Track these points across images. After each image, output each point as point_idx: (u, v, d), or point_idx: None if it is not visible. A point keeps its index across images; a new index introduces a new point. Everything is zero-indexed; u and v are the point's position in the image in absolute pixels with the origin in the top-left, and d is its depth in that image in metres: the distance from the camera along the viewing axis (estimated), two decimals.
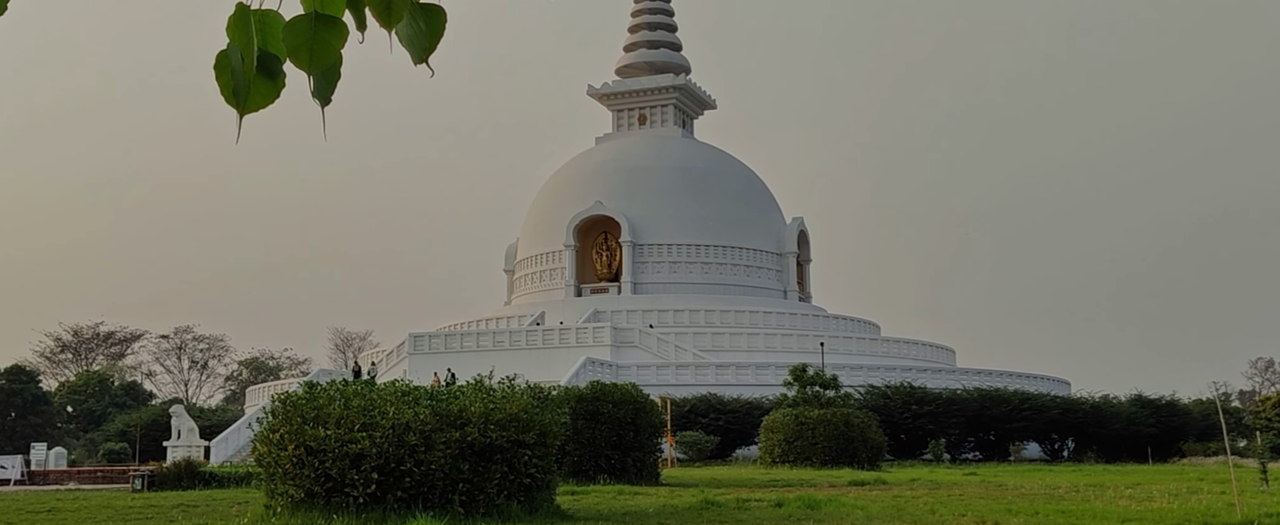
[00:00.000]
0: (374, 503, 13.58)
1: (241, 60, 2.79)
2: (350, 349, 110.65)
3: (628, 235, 75.83)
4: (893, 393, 53.30)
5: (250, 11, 2.80)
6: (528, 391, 16.33)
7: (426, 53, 2.82)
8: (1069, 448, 57.82)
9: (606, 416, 24.85)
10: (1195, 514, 15.20)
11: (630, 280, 75.50)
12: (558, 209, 78.94)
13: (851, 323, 77.09)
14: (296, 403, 14.33)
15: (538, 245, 79.88)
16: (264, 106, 2.88)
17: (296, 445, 13.75)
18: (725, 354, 63.96)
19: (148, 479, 25.77)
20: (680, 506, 17.37)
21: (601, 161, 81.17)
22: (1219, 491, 19.93)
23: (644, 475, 25.07)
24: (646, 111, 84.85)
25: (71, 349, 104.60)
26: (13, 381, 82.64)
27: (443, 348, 65.19)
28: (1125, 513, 15.72)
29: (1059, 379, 70.79)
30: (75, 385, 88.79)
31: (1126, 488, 22.25)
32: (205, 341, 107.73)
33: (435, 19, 2.81)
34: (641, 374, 55.91)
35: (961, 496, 19.77)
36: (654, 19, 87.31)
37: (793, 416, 35.67)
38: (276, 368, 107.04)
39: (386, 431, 13.67)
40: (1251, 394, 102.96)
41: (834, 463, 33.80)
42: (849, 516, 15.50)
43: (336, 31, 2.79)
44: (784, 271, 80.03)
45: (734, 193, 79.95)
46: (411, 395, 14.66)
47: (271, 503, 14.35)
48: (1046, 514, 15.52)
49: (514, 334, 65.02)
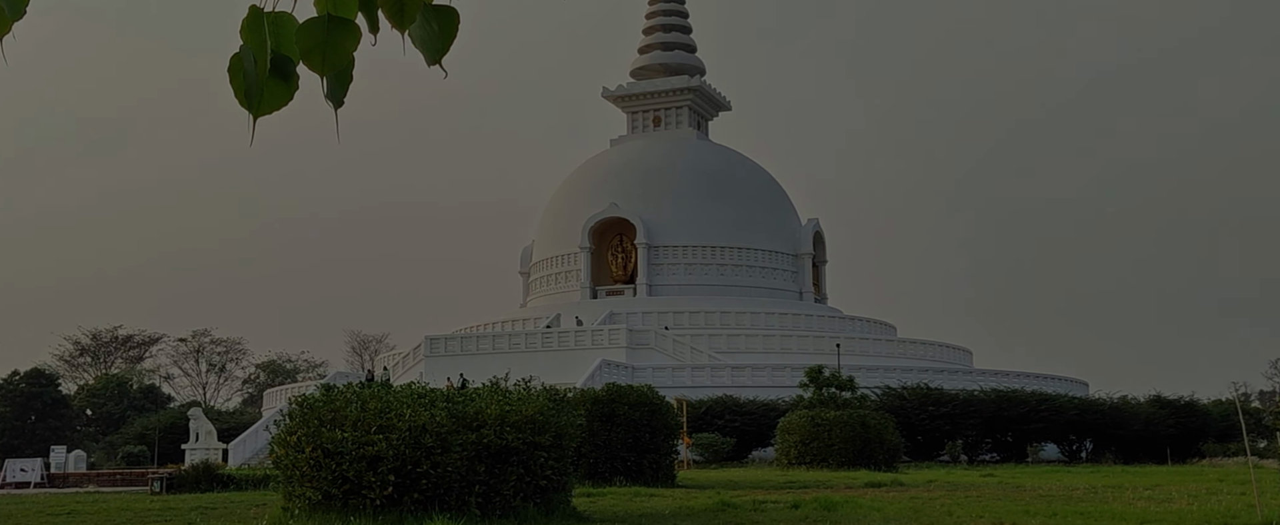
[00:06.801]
0: (391, 505, 13.60)
1: (254, 63, 2.79)
2: (366, 352, 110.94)
3: (643, 237, 75.82)
4: (909, 394, 53.11)
5: (263, 14, 2.81)
6: (544, 393, 16.35)
7: (440, 54, 2.82)
8: (1087, 449, 57.49)
9: (622, 418, 24.84)
10: (1215, 515, 15.10)
11: (646, 282, 75.48)
12: (573, 211, 78.99)
13: (867, 324, 76.88)
14: (314, 405, 14.37)
15: (553, 247, 79.94)
16: (277, 109, 2.88)
17: (314, 447, 13.79)
18: (741, 356, 63.86)
19: (166, 481, 25.87)
20: (696, 508, 17.35)
21: (616, 163, 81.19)
22: (1239, 493, 19.79)
23: (660, 477, 25.06)
24: (661, 113, 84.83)
25: (90, 353, 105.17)
26: (32, 385, 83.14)
27: (459, 350, 65.29)
28: (1144, 514, 15.62)
29: (1077, 380, 70.42)
30: (94, 388, 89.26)
31: (1145, 489, 22.12)
32: (223, 344, 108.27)
33: (448, 20, 2.81)
34: (657, 376, 55.86)
35: (979, 498, 19.69)
36: (668, 20, 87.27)
37: (809, 418, 35.58)
38: (293, 370, 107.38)
39: (403, 434, 13.69)
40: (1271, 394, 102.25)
41: (850, 464, 33.70)
42: (866, 518, 15.45)
43: (349, 33, 2.79)
44: (799, 273, 79.88)
45: (749, 194, 79.85)
46: (428, 398, 14.69)
47: (289, 505, 14.38)
48: (1064, 515, 15.44)
49: (530, 336, 65.06)
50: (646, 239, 75.81)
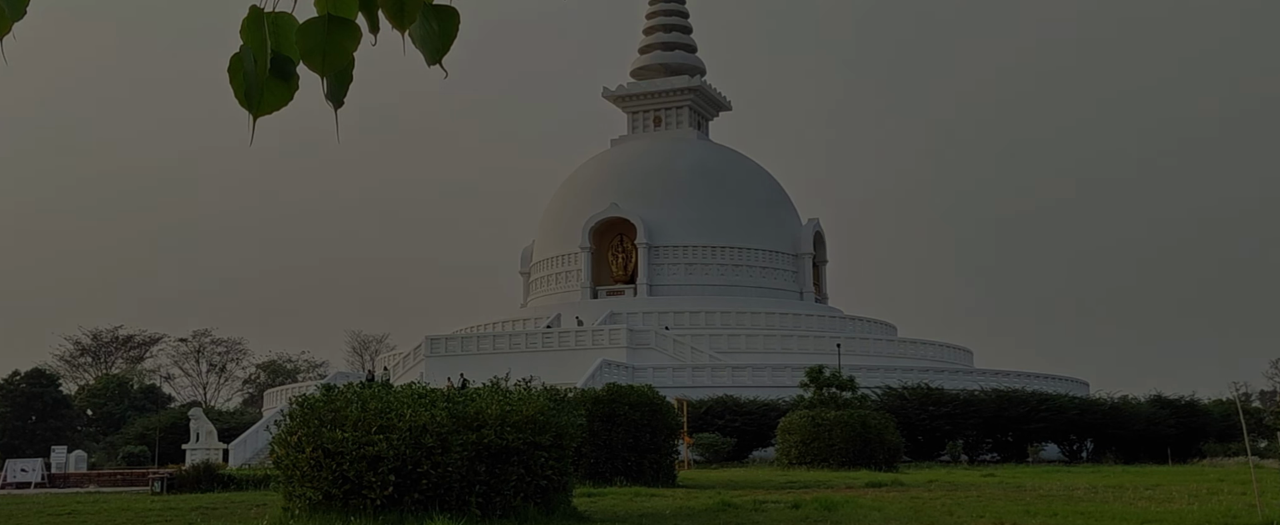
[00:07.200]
0: (391, 505, 13.61)
1: (254, 63, 2.79)
2: (367, 352, 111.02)
3: (643, 237, 75.83)
4: (910, 394, 53.12)
5: (264, 14, 2.81)
6: (544, 394, 16.35)
7: (440, 54, 2.82)
8: (1088, 449, 57.49)
9: (623, 418, 24.86)
10: (1216, 515, 15.10)
11: (646, 282, 75.49)
12: (573, 211, 79.01)
13: (868, 324, 76.90)
14: (314, 405, 14.37)
15: (554, 247, 79.95)
16: (277, 109, 2.88)
17: (314, 448, 13.79)
18: (741, 356, 63.88)
19: (167, 482, 25.89)
20: (697, 508, 17.36)
21: (617, 163, 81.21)
22: (1239, 492, 19.79)
23: (660, 477, 25.06)
24: (662, 113, 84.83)
25: (91, 353, 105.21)
26: (33, 385, 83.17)
27: (459, 350, 65.33)
28: (1145, 514, 15.62)
29: (1077, 379, 70.42)
30: (95, 389, 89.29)
31: (1146, 489, 22.11)
32: (223, 345, 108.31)
33: (448, 20, 2.81)
34: (658, 376, 55.88)
35: (979, 498, 19.69)
36: (669, 20, 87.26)
37: (809, 418, 35.59)
38: (294, 371, 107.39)
39: (404, 434, 13.70)
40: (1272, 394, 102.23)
41: (851, 464, 33.70)
42: (866, 518, 15.45)
43: (349, 33, 2.79)
44: (800, 273, 79.89)
45: (749, 194, 79.85)
46: (428, 398, 14.69)
47: (289, 505, 14.39)
48: (1065, 515, 15.44)
49: (530, 336, 65.08)
50: (647, 239, 75.81)
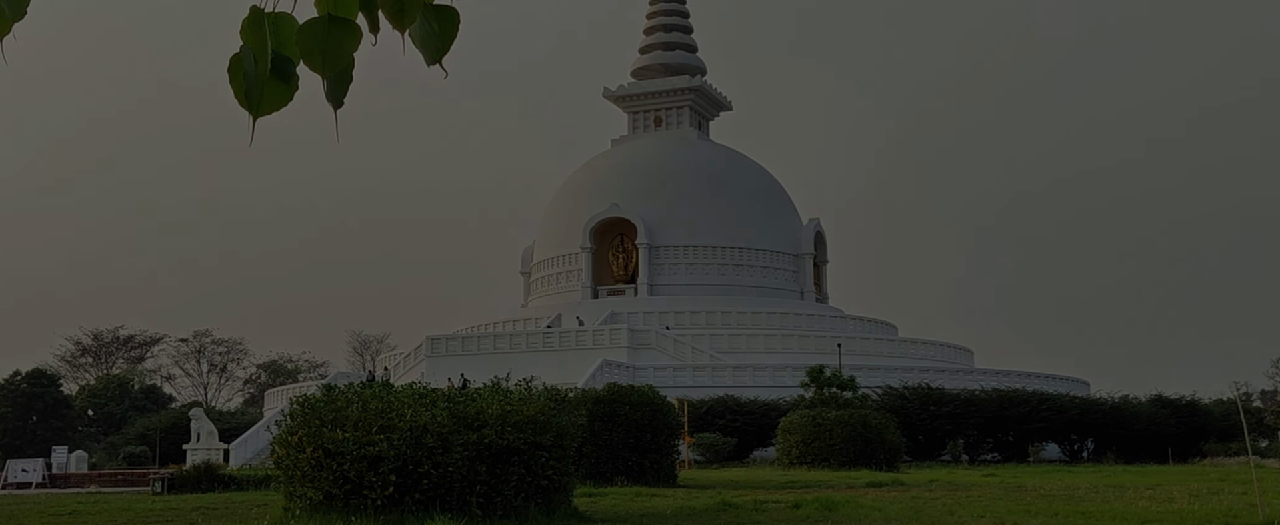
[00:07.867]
0: (392, 505, 13.61)
1: (255, 63, 2.79)
2: (368, 352, 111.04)
3: (644, 237, 75.82)
4: (910, 394, 53.11)
5: (264, 14, 2.81)
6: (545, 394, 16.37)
7: (440, 54, 2.82)
8: (1089, 449, 57.47)
9: (624, 418, 24.86)
10: (1216, 515, 15.10)
11: (647, 282, 75.48)
12: (574, 211, 78.99)
13: (869, 324, 76.90)
14: (315, 405, 14.38)
15: (554, 247, 79.94)
16: (278, 109, 2.88)
17: (315, 448, 13.79)
18: (742, 355, 63.87)
19: (167, 482, 25.91)
20: (698, 508, 17.36)
21: (617, 163, 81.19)
22: (1241, 492, 19.78)
23: (661, 477, 25.06)
24: (662, 113, 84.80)
25: (92, 353, 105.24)
26: (34, 385, 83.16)
27: (460, 350, 65.33)
28: (1146, 514, 15.62)
29: (1078, 379, 70.40)
30: (96, 389, 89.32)
31: (1147, 489, 22.11)
32: (224, 345, 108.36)
33: (448, 20, 2.81)
34: (658, 376, 55.87)
35: (980, 498, 19.68)
36: (669, 20, 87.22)
37: (810, 418, 35.58)
38: (295, 371, 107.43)
39: (404, 434, 13.70)
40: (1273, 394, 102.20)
41: (852, 464, 33.68)
42: (867, 518, 15.45)
43: (350, 34, 2.79)
44: (800, 273, 79.88)
45: (750, 194, 79.84)
46: (429, 398, 14.69)
47: (290, 505, 14.39)
48: (1066, 515, 15.44)
49: (531, 336, 65.09)
50: (647, 239, 75.80)
